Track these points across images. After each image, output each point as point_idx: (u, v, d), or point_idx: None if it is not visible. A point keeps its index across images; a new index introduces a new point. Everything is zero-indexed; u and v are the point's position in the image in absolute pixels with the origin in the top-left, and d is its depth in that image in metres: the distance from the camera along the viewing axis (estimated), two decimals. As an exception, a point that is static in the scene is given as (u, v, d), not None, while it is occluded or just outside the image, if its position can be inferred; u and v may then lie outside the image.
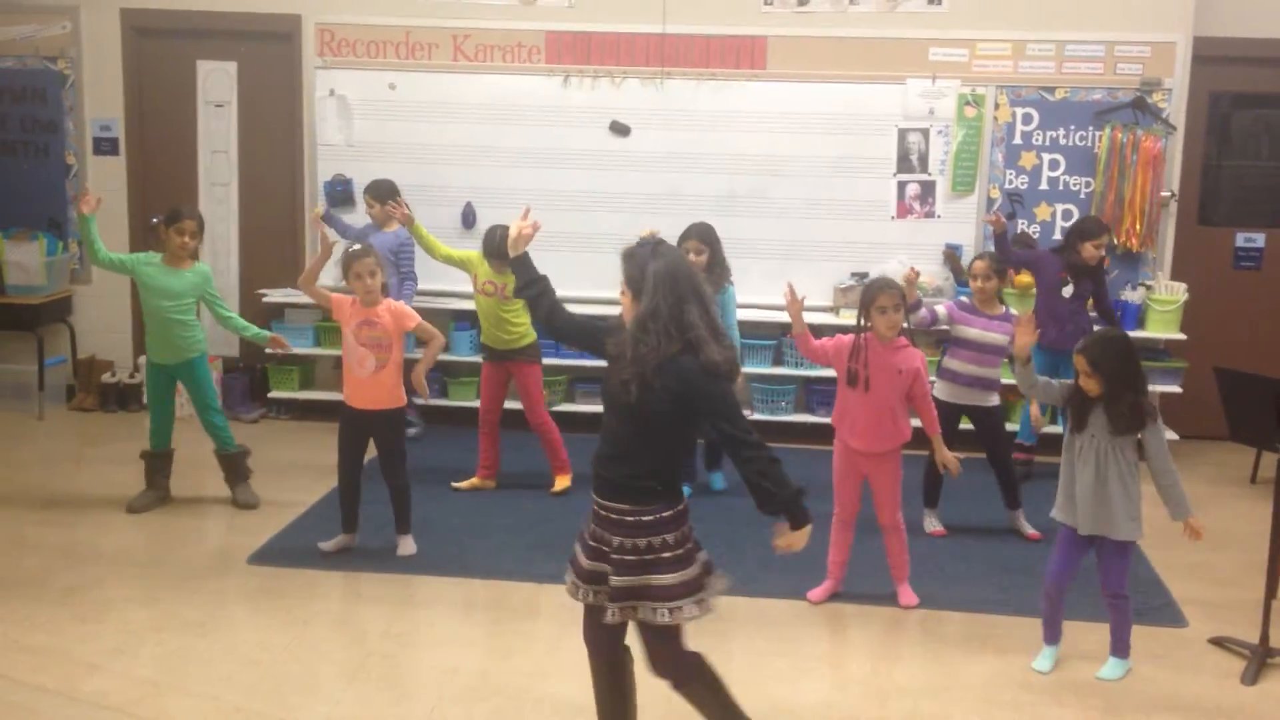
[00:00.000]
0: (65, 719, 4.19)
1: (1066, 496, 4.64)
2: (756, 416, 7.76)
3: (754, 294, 7.43)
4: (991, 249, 6.94)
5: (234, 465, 6.45)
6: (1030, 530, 6.18)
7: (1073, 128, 7.66)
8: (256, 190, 8.29)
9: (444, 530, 6.04)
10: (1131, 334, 7.50)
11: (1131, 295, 7.63)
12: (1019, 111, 7.68)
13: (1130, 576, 5.59)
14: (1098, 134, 7.61)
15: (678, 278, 3.45)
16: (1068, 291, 6.86)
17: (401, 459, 5.75)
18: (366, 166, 7.96)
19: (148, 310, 6.21)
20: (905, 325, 5.14)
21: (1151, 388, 7.56)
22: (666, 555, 3.48)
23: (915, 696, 4.49)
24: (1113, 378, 4.43)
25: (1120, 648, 4.70)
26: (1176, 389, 7.58)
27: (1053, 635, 4.76)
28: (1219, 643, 4.95)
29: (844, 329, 5.44)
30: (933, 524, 6.21)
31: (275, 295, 8.02)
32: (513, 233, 3.79)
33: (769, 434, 7.03)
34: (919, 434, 5.37)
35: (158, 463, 6.40)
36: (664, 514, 3.48)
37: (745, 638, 4.96)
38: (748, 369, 7.70)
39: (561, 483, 6.70)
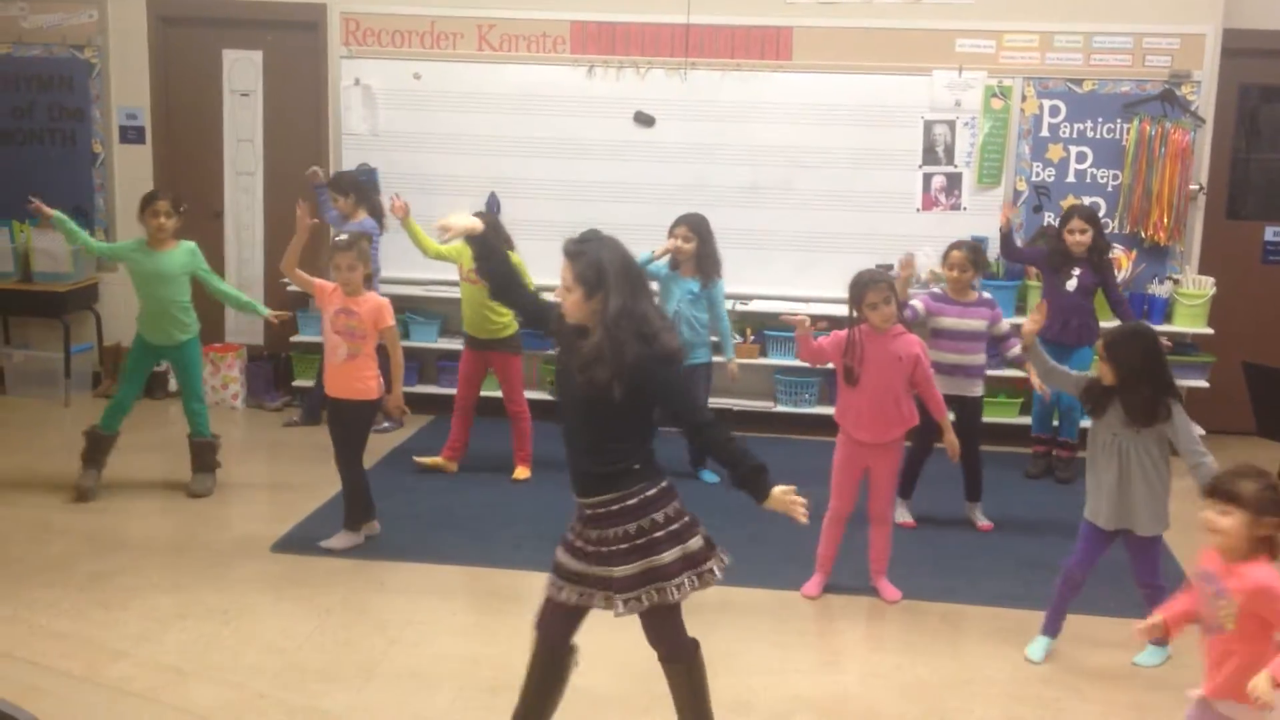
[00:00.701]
0: (89, 705, 4.21)
1: (1091, 490, 4.63)
2: (781, 408, 7.75)
3: (779, 285, 7.41)
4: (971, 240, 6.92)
5: (203, 453, 6.43)
6: (983, 521, 6.20)
7: (1100, 120, 7.60)
8: (281, 179, 8.31)
9: (464, 520, 6.04)
10: (1158, 328, 7.50)
11: (1159, 289, 7.58)
12: (1046, 103, 7.63)
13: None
14: (1126, 126, 7.55)
15: (630, 270, 3.49)
16: (1071, 285, 6.81)
17: (356, 452, 5.68)
18: (391, 156, 7.99)
19: (141, 295, 6.23)
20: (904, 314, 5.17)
21: (1176, 382, 7.52)
22: (660, 534, 3.49)
23: (938, 691, 4.48)
24: (1128, 369, 4.43)
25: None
26: (1203, 383, 7.53)
27: (1053, 627, 4.76)
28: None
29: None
30: (903, 515, 6.17)
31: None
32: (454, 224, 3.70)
33: (794, 426, 7.04)
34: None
35: (100, 445, 6.35)
36: (649, 492, 3.50)
37: (768, 630, 4.95)
38: (771, 360, 7.70)
39: (522, 472, 6.74)
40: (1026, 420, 7.44)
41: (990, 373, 7.00)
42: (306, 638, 4.74)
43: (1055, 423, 7.11)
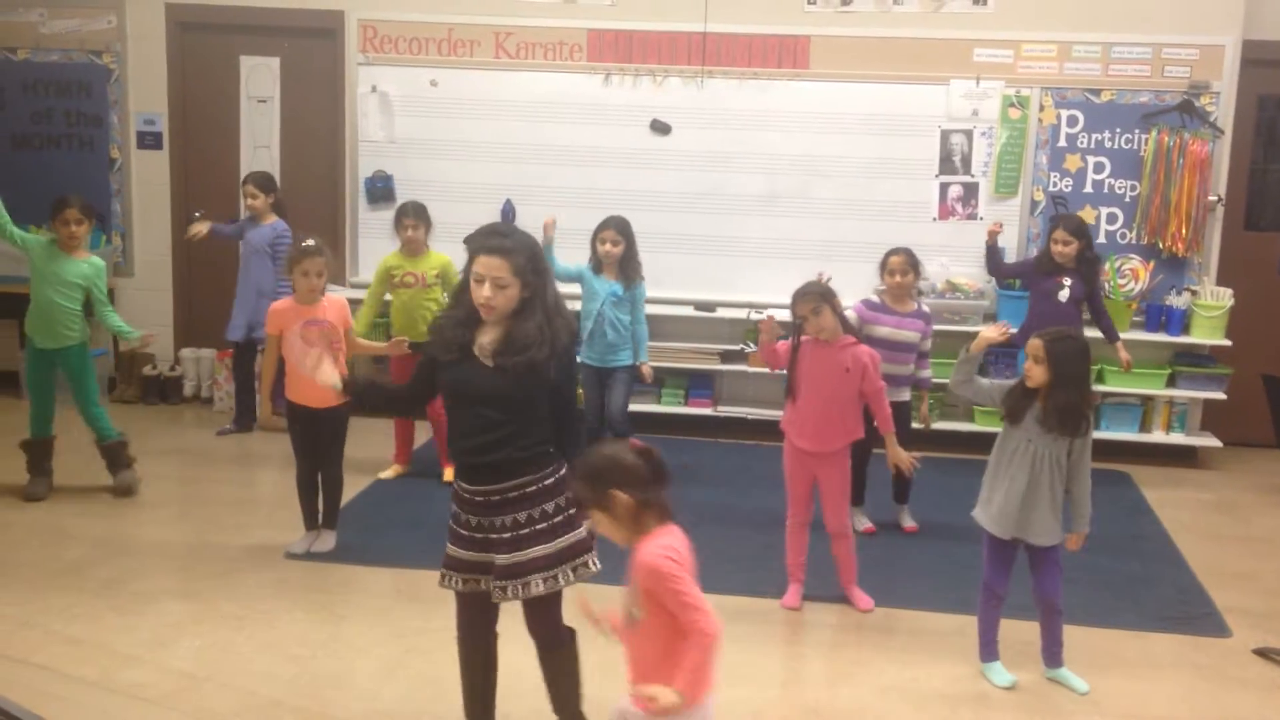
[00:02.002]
0: (103, 711, 4.21)
1: (988, 497, 4.53)
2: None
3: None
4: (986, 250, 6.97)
5: (115, 455, 6.43)
6: (910, 523, 6.18)
7: (1118, 130, 7.58)
8: (298, 185, 8.32)
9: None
10: (1177, 339, 7.49)
11: (1177, 300, 7.54)
12: (1064, 113, 7.61)
13: (1172, 585, 5.57)
14: (1144, 137, 7.52)
15: (543, 261, 3.62)
16: (1063, 296, 6.77)
17: (342, 453, 5.74)
18: (408, 163, 8.00)
19: (34, 292, 6.20)
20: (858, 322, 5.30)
21: (1193, 394, 7.52)
22: (544, 526, 3.59)
23: (953, 703, 4.45)
24: (1063, 372, 4.31)
25: (1054, 657, 4.63)
26: (1221, 396, 7.49)
27: (993, 650, 4.67)
28: (1263, 653, 4.88)
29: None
30: (862, 522, 6.15)
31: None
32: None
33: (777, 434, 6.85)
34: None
35: (40, 451, 6.38)
36: (561, 473, 3.60)
37: (782, 641, 4.94)
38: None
39: (451, 474, 6.72)
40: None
41: (1008, 382, 6.98)
42: (321, 645, 4.74)
43: None
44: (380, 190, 8.05)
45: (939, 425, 7.43)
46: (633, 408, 7.77)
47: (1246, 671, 4.77)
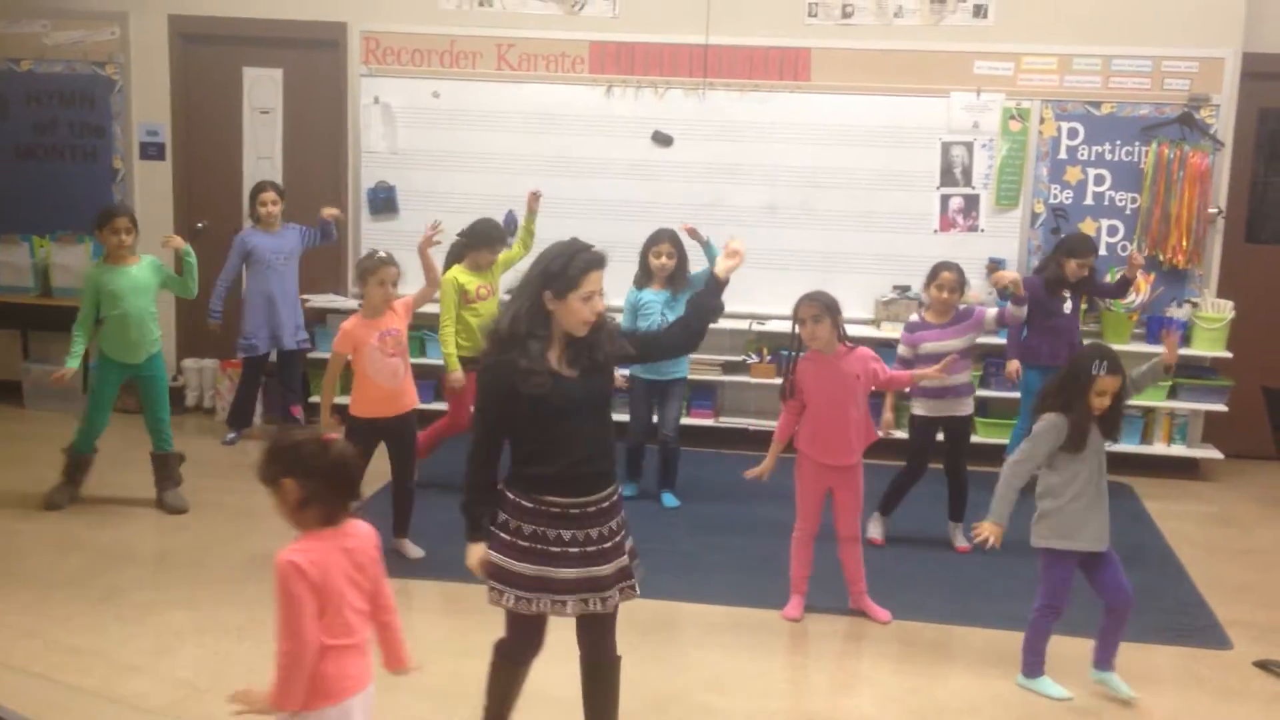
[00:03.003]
0: (106, 720, 4.22)
1: (1064, 522, 4.50)
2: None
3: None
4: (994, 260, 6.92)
5: (167, 466, 6.43)
6: (963, 543, 6.12)
7: (1119, 143, 7.59)
8: (301, 196, 8.33)
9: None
10: (1178, 352, 7.47)
11: (1178, 312, 7.55)
12: (1064, 126, 7.63)
13: (1173, 597, 5.58)
14: (1144, 149, 7.54)
15: None
16: (1068, 308, 6.77)
17: (414, 460, 5.80)
18: (410, 174, 8.02)
19: (108, 316, 6.18)
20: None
21: (1195, 406, 7.54)
22: (620, 537, 3.66)
23: (954, 715, 4.45)
24: (1121, 381, 4.42)
25: (1108, 659, 4.65)
26: (1222, 408, 7.50)
27: (1042, 667, 4.68)
28: (1264, 665, 4.88)
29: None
30: (875, 532, 6.17)
31: (318, 300, 8.08)
32: None
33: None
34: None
35: (81, 465, 6.40)
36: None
37: (784, 651, 4.94)
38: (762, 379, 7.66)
39: None
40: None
41: (982, 393, 7.04)
42: (322, 655, 4.73)
43: None
44: (383, 201, 8.06)
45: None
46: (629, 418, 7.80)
47: (1248, 684, 4.77)
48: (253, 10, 8.12)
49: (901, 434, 6.41)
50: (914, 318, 6.24)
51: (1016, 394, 7.05)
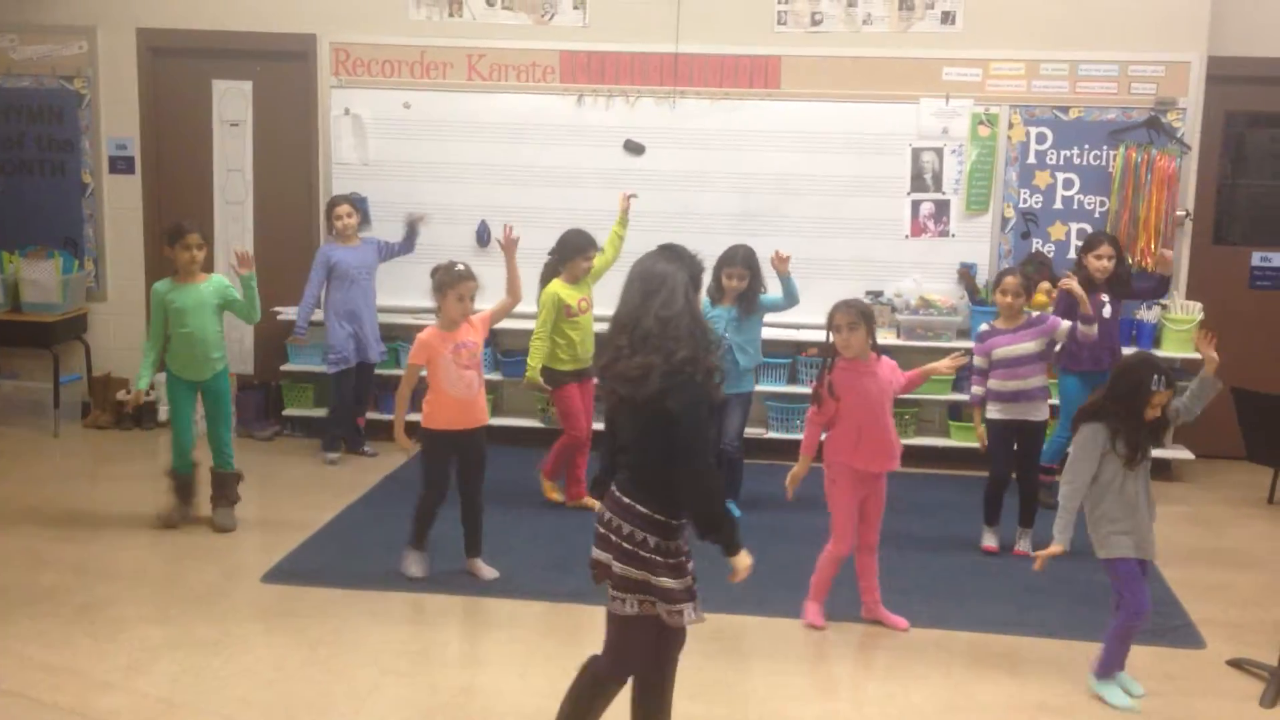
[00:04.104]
0: (79, 737, 4.19)
1: (1130, 530, 4.55)
2: (771, 434, 7.75)
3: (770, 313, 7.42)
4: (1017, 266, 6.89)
5: (225, 485, 6.40)
6: (1024, 547, 6.14)
7: (1087, 147, 7.65)
8: (272, 209, 8.31)
9: (457, 549, 6.00)
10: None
11: (1147, 314, 7.61)
12: (1033, 131, 7.68)
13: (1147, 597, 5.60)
14: (1112, 153, 7.60)
15: None
16: (1106, 313, 6.79)
17: (484, 477, 5.74)
18: (381, 185, 8.00)
19: (175, 334, 6.17)
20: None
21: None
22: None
23: (931, 717, 4.46)
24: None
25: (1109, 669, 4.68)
26: (1192, 409, 7.54)
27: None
28: (1237, 664, 4.91)
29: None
30: (990, 540, 6.20)
31: (290, 313, 8.03)
32: None
33: (784, 452, 7.01)
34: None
35: (186, 483, 6.38)
36: None
37: (764, 657, 4.94)
38: (762, 387, 7.69)
39: (591, 501, 6.70)
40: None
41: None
42: (297, 669, 4.71)
43: None
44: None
45: (914, 441, 7.48)
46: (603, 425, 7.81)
47: (1221, 683, 4.80)
48: (221, 23, 8.09)
49: (920, 441, 6.35)
50: (984, 326, 6.29)
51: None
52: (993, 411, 6.13)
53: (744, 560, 3.63)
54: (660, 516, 3.48)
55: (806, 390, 7.72)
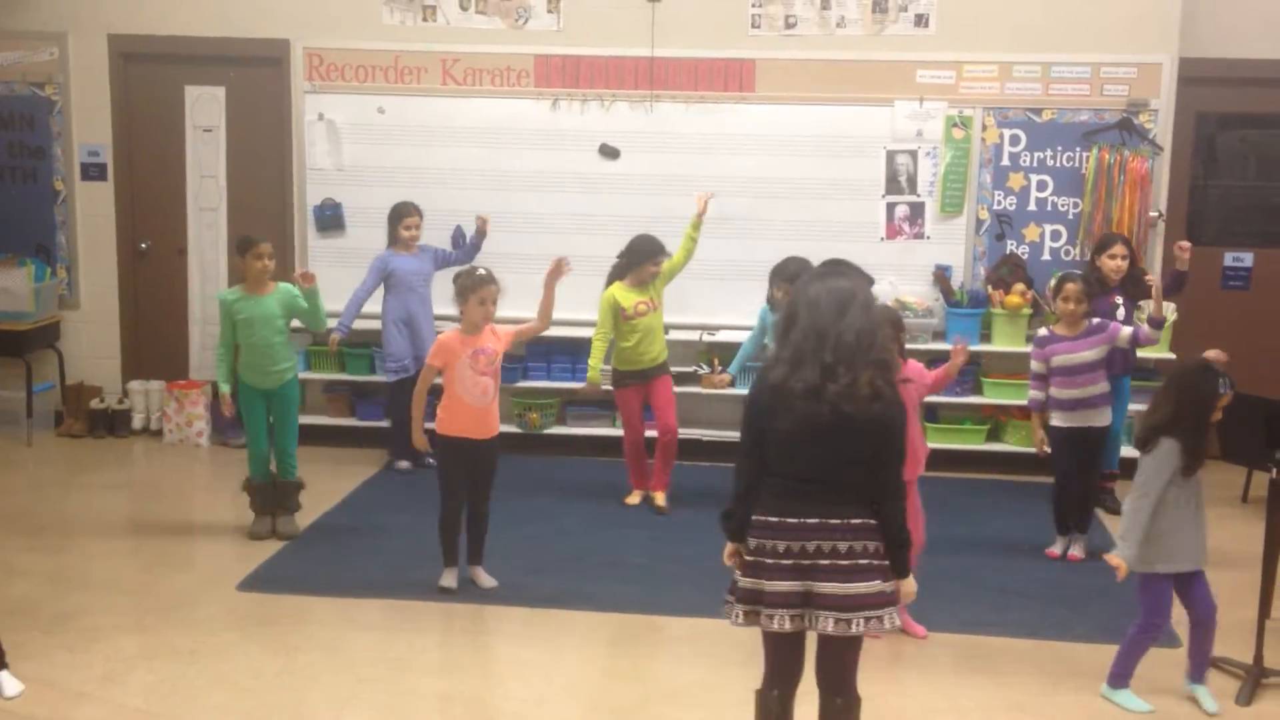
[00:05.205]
0: (54, 749, 4.16)
1: (1169, 545, 4.51)
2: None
3: (747, 315, 7.42)
4: (1075, 273, 6.79)
5: (288, 494, 6.37)
6: (1077, 554, 6.10)
7: (1060, 149, 7.69)
8: (245, 215, 8.26)
9: (433, 555, 5.97)
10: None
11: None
12: (1006, 133, 7.71)
13: (1124, 597, 5.60)
14: (1085, 155, 7.63)
15: None
16: (1121, 314, 6.74)
17: (492, 486, 5.72)
18: (356, 190, 7.97)
19: (243, 344, 6.17)
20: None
21: (1140, 408, 7.56)
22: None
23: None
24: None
25: (1202, 671, 4.66)
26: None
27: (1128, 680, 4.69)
28: (1214, 663, 4.93)
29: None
30: (1075, 550, 6.13)
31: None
32: None
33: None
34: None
35: (264, 492, 6.33)
36: None
37: (741, 660, 4.93)
38: (741, 390, 7.68)
39: (662, 499, 6.82)
40: (994, 447, 7.54)
41: (960, 400, 7.06)
42: (274, 677, 4.69)
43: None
44: (329, 218, 8.02)
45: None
46: (583, 431, 7.81)
47: (1197, 680, 4.82)
48: (194, 28, 8.05)
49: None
50: (1043, 331, 6.22)
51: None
52: (1055, 419, 6.06)
53: (911, 585, 3.69)
54: (875, 521, 3.52)
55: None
